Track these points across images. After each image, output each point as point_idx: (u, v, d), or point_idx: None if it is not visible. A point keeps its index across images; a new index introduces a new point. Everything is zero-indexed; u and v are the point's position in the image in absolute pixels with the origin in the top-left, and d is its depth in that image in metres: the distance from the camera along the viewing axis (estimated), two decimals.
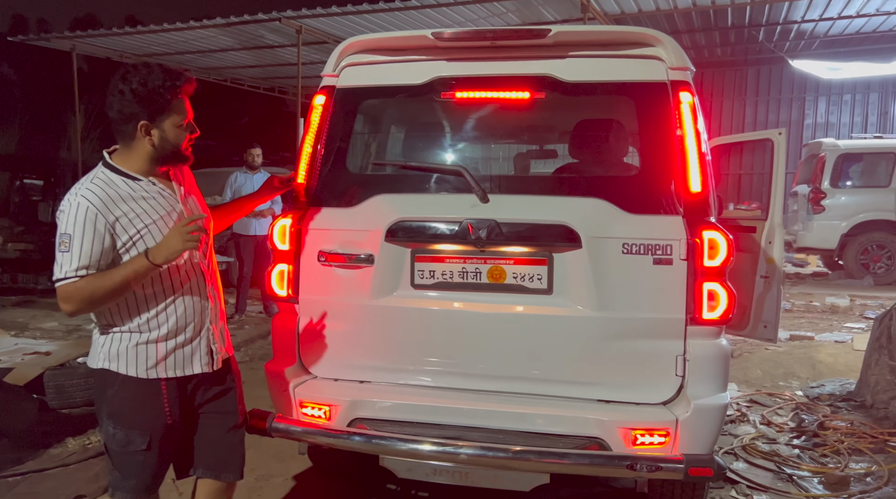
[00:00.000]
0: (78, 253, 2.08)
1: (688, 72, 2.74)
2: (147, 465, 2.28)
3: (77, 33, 11.64)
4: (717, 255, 2.60)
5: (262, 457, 3.96)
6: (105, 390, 2.26)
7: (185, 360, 2.28)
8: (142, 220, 2.17)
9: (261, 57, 12.68)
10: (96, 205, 2.10)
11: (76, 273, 2.08)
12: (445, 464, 2.58)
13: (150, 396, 2.24)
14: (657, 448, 2.55)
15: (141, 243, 2.16)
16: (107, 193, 2.14)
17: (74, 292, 2.09)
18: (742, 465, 3.98)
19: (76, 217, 2.10)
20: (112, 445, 2.27)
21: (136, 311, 2.21)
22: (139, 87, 2.12)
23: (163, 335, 2.24)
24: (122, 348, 2.22)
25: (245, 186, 7.78)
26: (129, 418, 2.24)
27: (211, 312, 2.36)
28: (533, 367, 2.73)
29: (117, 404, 2.24)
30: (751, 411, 4.96)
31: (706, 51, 14.52)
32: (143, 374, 2.22)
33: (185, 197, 2.34)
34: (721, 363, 2.66)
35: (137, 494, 2.31)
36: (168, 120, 2.19)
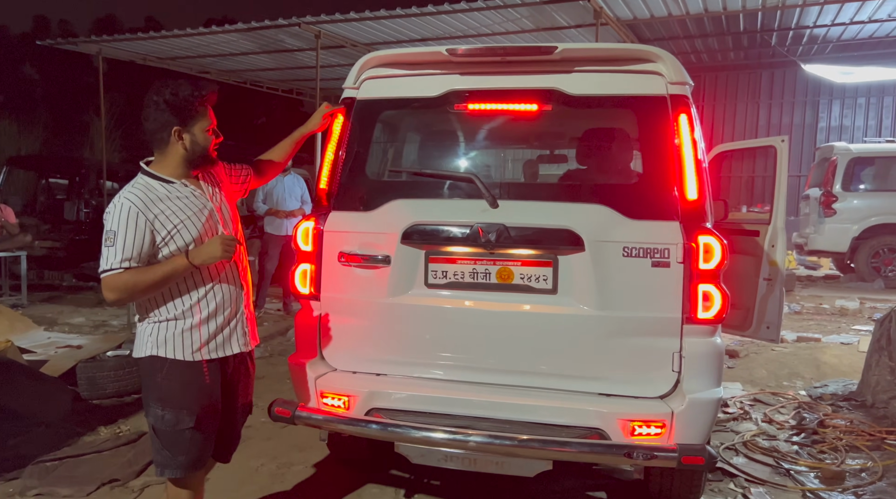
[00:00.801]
0: (122, 247, 2.36)
1: (686, 86, 2.91)
2: (195, 441, 2.52)
3: (103, 37, 11.94)
4: (712, 258, 2.77)
5: (284, 446, 4.18)
6: (154, 375, 2.50)
7: (224, 342, 2.58)
8: (177, 216, 2.46)
9: (280, 60, 12.92)
10: (137, 205, 2.40)
11: (120, 265, 2.36)
12: (456, 451, 2.78)
13: (195, 377, 2.51)
14: (654, 439, 2.73)
15: (178, 237, 2.44)
16: (146, 194, 2.44)
17: (119, 283, 2.36)
18: (742, 460, 4.14)
19: (120, 216, 2.39)
20: (162, 426, 2.50)
21: (178, 300, 2.49)
22: (172, 98, 2.44)
23: (204, 320, 2.52)
24: (168, 335, 2.49)
25: (276, 189, 8.02)
26: (178, 399, 2.48)
27: (244, 299, 2.68)
28: (538, 362, 2.91)
29: (166, 388, 2.49)
30: (754, 410, 5.11)
31: (719, 55, 14.60)
32: (188, 357, 2.49)
33: (213, 196, 2.63)
34: (715, 360, 2.84)
35: (187, 469, 2.54)
36: (197, 125, 2.51)
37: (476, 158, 3.22)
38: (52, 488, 3.57)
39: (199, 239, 2.49)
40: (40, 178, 13.92)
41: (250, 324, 2.73)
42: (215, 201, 2.62)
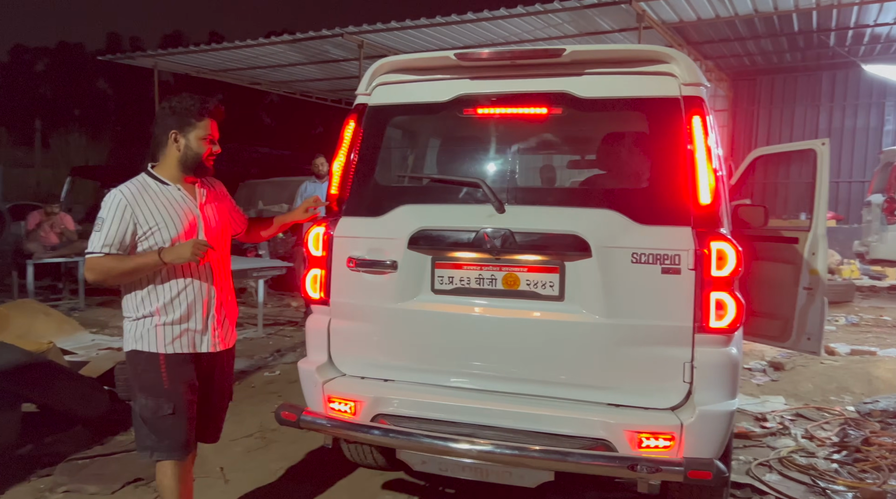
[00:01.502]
0: (105, 234, 2.62)
1: (701, 88, 2.82)
2: (176, 426, 2.73)
3: (158, 51, 12.43)
4: (726, 265, 2.66)
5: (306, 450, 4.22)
6: (136, 367, 2.75)
7: (196, 340, 2.79)
8: (161, 215, 2.68)
9: (327, 70, 13.18)
10: (127, 198, 2.65)
11: (101, 249, 2.61)
12: (455, 459, 2.74)
13: (172, 367, 2.72)
14: (662, 452, 2.63)
15: (157, 234, 2.66)
16: (139, 190, 2.69)
17: (97, 265, 2.62)
18: (775, 477, 3.96)
19: (110, 206, 2.65)
20: (146, 413, 2.72)
21: (153, 298, 2.71)
22: (176, 105, 2.73)
23: (177, 318, 2.72)
24: (144, 331, 2.72)
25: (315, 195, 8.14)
26: (156, 388, 2.71)
27: (216, 302, 2.84)
28: (544, 370, 2.85)
29: (146, 378, 2.72)
30: (794, 425, 4.88)
31: (775, 57, 14.14)
32: (163, 350, 2.72)
33: (204, 205, 2.83)
34: (729, 371, 2.72)
35: (172, 452, 2.74)
36: (193, 133, 2.74)
37: (485, 162, 3.18)
38: (80, 485, 3.69)
39: (177, 240, 2.69)
40: (102, 187, 14.55)
41: (230, 324, 2.94)
42: (206, 211, 2.82)
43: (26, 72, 41.39)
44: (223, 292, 2.89)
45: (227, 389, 3.04)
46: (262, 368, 6.35)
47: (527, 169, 3.41)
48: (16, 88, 38.83)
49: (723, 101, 16.08)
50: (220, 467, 3.98)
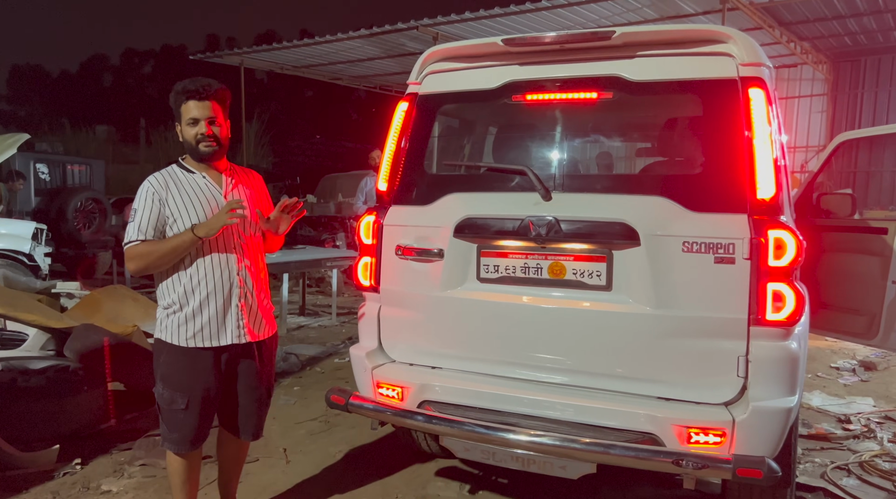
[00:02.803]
0: (139, 222, 2.66)
1: (762, 68, 2.66)
2: (187, 422, 2.74)
3: (244, 50, 12.95)
4: (784, 254, 2.51)
5: (365, 435, 4.31)
6: (158, 356, 2.78)
7: (217, 332, 2.74)
8: (184, 202, 2.70)
9: (404, 64, 13.31)
10: (154, 186, 2.70)
11: (136, 237, 2.64)
12: (496, 447, 2.72)
13: (189, 363, 2.72)
14: (712, 448, 2.52)
15: (181, 220, 2.67)
16: (166, 179, 2.74)
17: (135, 252, 2.65)
18: (853, 481, 3.72)
19: (141, 196, 2.70)
20: (161, 402, 2.76)
21: (172, 287, 2.72)
22: (171, 96, 2.76)
23: (196, 311, 2.70)
24: (168, 322, 2.74)
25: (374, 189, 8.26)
26: (173, 380, 2.73)
27: (239, 292, 2.78)
28: (591, 361, 2.79)
29: (165, 369, 2.74)
30: (882, 429, 4.56)
31: (880, 35, 13.10)
32: (183, 343, 2.71)
33: (230, 193, 2.81)
34: (788, 366, 2.57)
35: (180, 445, 2.78)
36: (183, 119, 2.74)
37: (532, 149, 3.13)
38: (155, 459, 3.92)
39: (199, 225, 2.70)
40: None
41: (263, 315, 2.87)
42: (219, 201, 2.77)
43: (135, 74, 44.12)
44: (250, 281, 2.82)
45: (262, 383, 2.93)
46: (332, 354, 6.53)
47: (575, 156, 3.33)
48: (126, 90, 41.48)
49: (822, 85, 15.09)
50: (283, 448, 4.13)
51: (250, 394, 2.89)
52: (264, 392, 2.95)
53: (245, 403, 2.89)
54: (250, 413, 2.92)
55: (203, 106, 2.71)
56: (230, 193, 2.81)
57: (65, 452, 3.85)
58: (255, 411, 2.93)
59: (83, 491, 3.57)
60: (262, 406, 2.97)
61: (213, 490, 3.40)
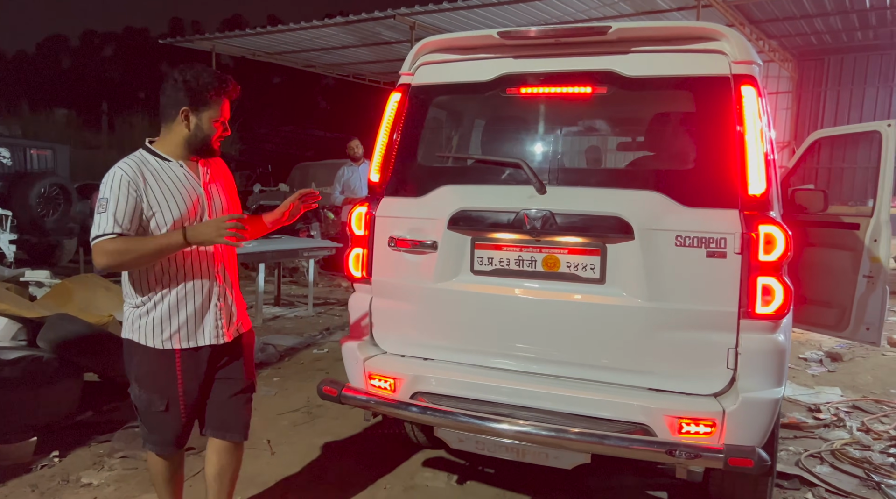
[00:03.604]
0: (113, 213, 2.36)
1: (753, 66, 2.72)
2: (167, 423, 2.59)
3: (216, 34, 12.69)
4: (774, 249, 2.58)
5: (349, 426, 4.31)
6: (131, 357, 2.57)
7: (195, 333, 2.55)
8: (163, 193, 2.45)
9: (379, 53, 13.22)
10: (129, 175, 2.41)
11: (112, 230, 2.35)
12: (493, 438, 2.75)
13: (166, 364, 2.53)
14: (703, 438, 2.59)
15: (160, 214, 2.43)
16: (140, 166, 2.45)
17: (111, 247, 2.33)
18: (826, 469, 3.84)
19: (112, 184, 2.39)
20: (138, 404, 2.61)
21: (147, 286, 2.48)
22: (191, 80, 2.47)
23: (174, 311, 2.50)
24: (141, 322, 2.51)
25: (352, 179, 8.21)
26: (150, 383, 2.55)
27: (218, 290, 2.60)
28: (584, 353, 2.83)
29: (139, 371, 2.56)
30: (850, 418, 4.72)
31: (844, 35, 13.47)
32: (158, 345, 2.51)
33: (208, 184, 2.59)
34: (775, 358, 2.64)
35: (162, 447, 2.65)
36: (206, 113, 2.51)
37: (527, 143, 3.14)
38: (135, 451, 3.86)
39: (181, 220, 2.47)
40: None
41: (239, 313, 2.71)
42: (210, 190, 2.59)
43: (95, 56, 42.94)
44: (228, 279, 2.65)
45: (243, 380, 2.75)
46: (310, 345, 6.49)
47: (569, 149, 3.36)
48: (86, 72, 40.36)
49: (787, 82, 15.45)
50: (266, 439, 4.10)
51: (233, 391, 2.72)
52: (248, 388, 2.78)
53: (229, 400, 2.71)
54: (236, 411, 2.74)
55: (229, 108, 2.59)
56: (208, 184, 2.60)
57: (42, 444, 3.77)
58: (241, 408, 2.75)
59: (62, 484, 3.50)
60: (247, 402, 2.79)
61: (196, 482, 3.37)
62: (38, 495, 3.38)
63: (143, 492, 3.44)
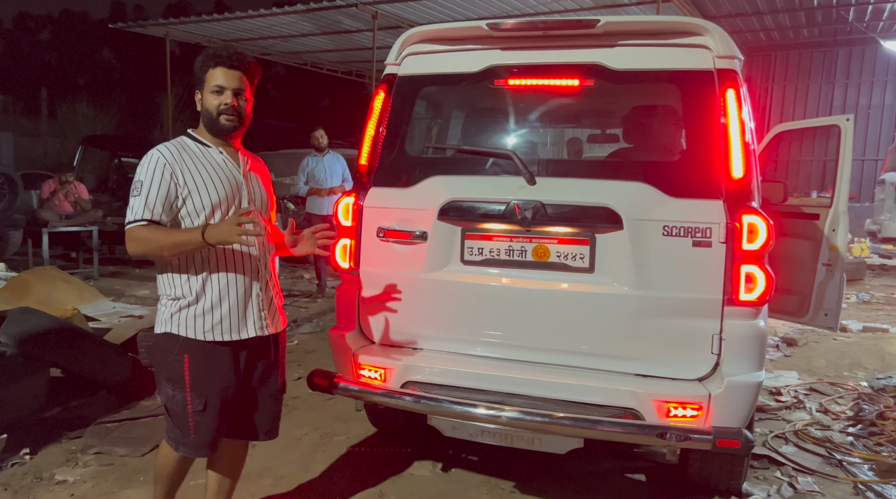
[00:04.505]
0: (146, 197, 2.34)
1: (735, 60, 2.81)
2: (205, 424, 2.47)
3: (171, 20, 12.33)
4: (757, 238, 2.68)
5: (327, 417, 4.30)
6: (166, 354, 2.44)
7: (237, 325, 2.48)
8: (201, 176, 2.42)
9: (338, 42, 13.07)
10: (166, 157, 2.40)
11: (143, 216, 2.34)
12: (487, 425, 2.79)
13: (207, 359, 2.44)
14: (690, 421, 2.68)
15: (196, 197, 2.40)
16: (178, 150, 2.44)
17: (139, 235, 2.34)
18: (791, 449, 4.02)
19: (148, 167, 2.38)
20: (172, 405, 2.47)
21: (189, 278, 2.43)
22: (196, 61, 2.50)
23: (216, 301, 2.44)
24: (182, 315, 2.43)
25: (317, 169, 8.11)
26: (190, 379, 2.42)
27: (260, 281, 2.55)
28: (573, 340, 2.89)
29: (177, 368, 2.43)
30: (809, 399, 4.94)
31: (791, 32, 13.96)
32: (200, 336, 2.42)
33: (248, 173, 2.56)
34: (757, 343, 2.75)
35: (198, 450, 2.51)
36: (206, 86, 2.47)
37: (515, 134, 3.19)
38: (110, 447, 3.77)
39: (218, 204, 2.43)
40: (113, 157, 14.53)
41: (277, 306, 2.65)
42: (249, 180, 2.56)
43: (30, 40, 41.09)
44: (269, 269, 2.61)
45: (278, 380, 2.71)
46: None
47: (557, 141, 3.42)
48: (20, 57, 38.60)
49: None
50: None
51: (268, 390, 2.66)
52: (281, 387, 2.73)
53: (263, 399, 2.65)
54: (269, 411, 2.68)
55: (232, 75, 2.45)
56: (247, 173, 2.56)
57: (10, 441, 3.65)
58: (274, 407, 2.70)
59: (36, 482, 3.40)
60: (279, 402, 2.74)
61: None
62: (11, 493, 3.28)
63: (122, 488, 3.37)
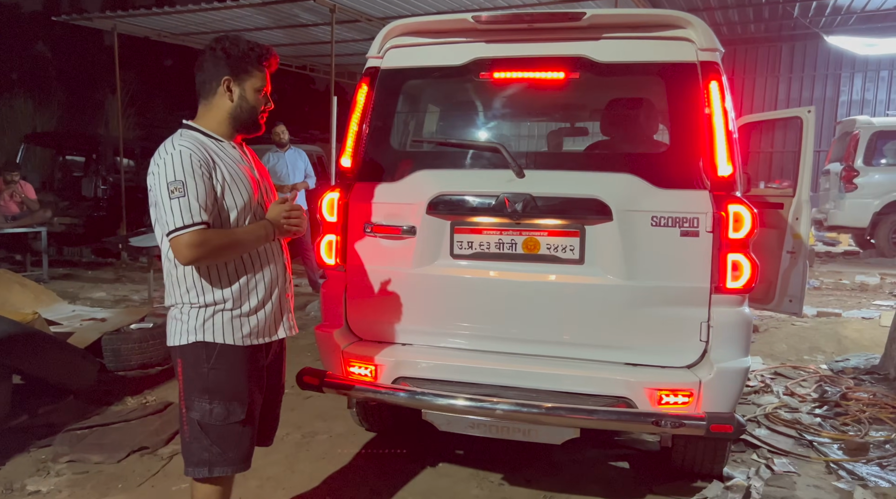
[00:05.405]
0: (195, 197, 2.09)
1: (717, 53, 2.87)
2: (246, 434, 2.31)
3: (118, 13, 11.90)
4: (742, 227, 2.74)
5: (308, 416, 4.23)
6: (199, 365, 2.24)
7: (272, 326, 2.37)
8: (230, 174, 2.23)
9: (294, 36, 12.82)
10: (198, 153, 2.16)
11: (200, 217, 2.09)
12: (483, 419, 2.79)
13: (246, 364, 2.29)
14: (681, 408, 2.73)
15: (229, 197, 2.22)
16: (200, 147, 2.20)
17: (200, 239, 2.09)
18: (764, 432, 4.14)
19: (182, 163, 2.10)
20: (210, 420, 2.24)
21: (226, 282, 2.25)
22: (230, 47, 2.26)
23: (251, 304, 2.29)
24: (217, 320, 2.24)
25: (278, 165, 7.96)
26: (228, 389, 2.25)
27: (286, 281, 2.46)
28: (565, 332, 2.92)
29: (214, 377, 2.24)
30: (774, 383, 5.09)
31: (739, 27, 14.38)
32: (238, 342, 2.26)
33: (251, 168, 2.40)
34: (743, 330, 2.83)
35: (238, 464, 2.31)
36: (249, 82, 2.29)
37: (502, 127, 3.20)
38: (83, 454, 3.64)
39: (247, 206, 2.27)
40: (57, 155, 14.01)
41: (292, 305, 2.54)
42: (254, 174, 2.40)
43: None
44: (288, 267, 2.50)
45: (282, 384, 2.62)
46: None
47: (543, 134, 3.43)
48: None
49: None
50: None
51: (276, 393, 2.56)
52: (282, 390, 2.65)
53: (269, 404, 2.51)
54: (274, 416, 2.59)
55: (269, 81, 2.37)
56: (251, 169, 2.39)
57: None
58: (275, 413, 2.60)
59: (7, 493, 3.27)
60: (280, 406, 2.64)
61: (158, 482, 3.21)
62: None
63: (101, 496, 3.26)
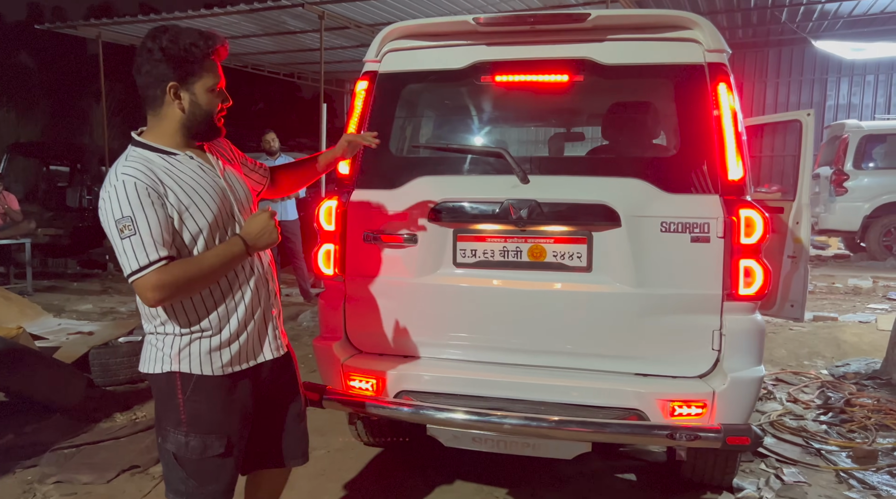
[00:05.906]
0: (149, 233, 1.86)
1: (724, 54, 2.80)
2: (226, 468, 2.12)
3: (103, 20, 11.76)
4: (754, 232, 2.67)
5: None
6: (173, 396, 2.04)
7: (255, 348, 2.15)
8: (187, 194, 1.96)
9: (282, 43, 12.73)
10: (143, 180, 1.89)
11: (159, 256, 1.86)
12: (489, 433, 2.69)
13: (227, 394, 2.09)
14: (694, 419, 2.65)
15: (190, 221, 1.96)
16: (148, 167, 1.93)
17: (165, 279, 1.86)
18: (770, 440, 4.07)
19: (128, 197, 1.86)
20: (186, 454, 2.06)
21: (202, 308, 2.03)
22: (169, 45, 1.93)
23: (231, 329, 2.07)
24: (194, 349, 2.03)
25: None
26: (206, 421, 2.06)
27: (271, 297, 2.21)
28: (573, 342, 2.82)
29: (190, 409, 2.04)
30: (777, 389, 5.03)
31: (727, 32, 14.39)
32: (217, 371, 2.05)
33: (224, 171, 2.13)
34: (756, 338, 2.75)
35: (217, 498, 2.13)
36: (199, 82, 1.99)
37: (505, 131, 3.11)
38: (71, 475, 3.50)
39: (215, 223, 2.01)
40: (42, 165, 13.80)
41: (280, 323, 2.30)
42: (228, 179, 2.12)
43: None
44: (274, 282, 2.27)
45: (300, 398, 2.39)
46: None
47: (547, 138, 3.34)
48: None
49: None
50: None
51: (293, 411, 2.33)
52: (305, 405, 2.43)
53: (289, 422, 2.32)
54: (296, 433, 2.35)
55: (221, 71, 2.05)
56: (223, 172, 2.12)
57: None
58: (301, 428, 2.37)
59: None
60: (304, 421, 2.40)
61: None
62: None
63: None
